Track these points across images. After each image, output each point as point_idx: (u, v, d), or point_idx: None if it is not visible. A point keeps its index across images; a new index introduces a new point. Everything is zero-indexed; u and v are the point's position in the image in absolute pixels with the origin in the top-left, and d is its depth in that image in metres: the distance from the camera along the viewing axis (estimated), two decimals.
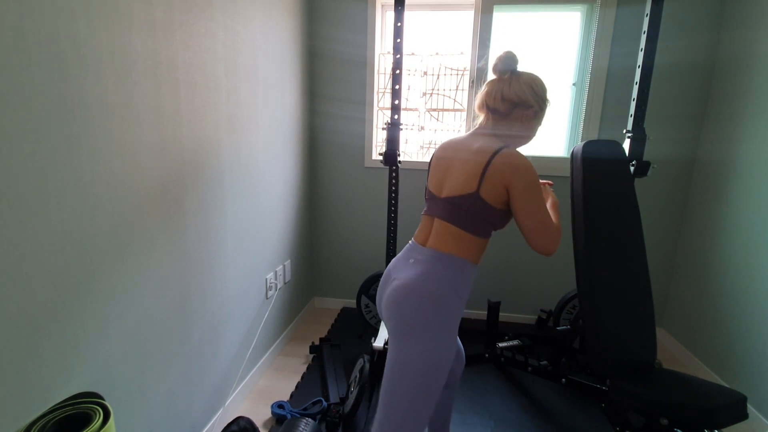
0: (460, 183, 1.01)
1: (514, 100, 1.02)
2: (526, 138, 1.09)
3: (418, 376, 0.94)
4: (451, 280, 0.99)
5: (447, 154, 1.09)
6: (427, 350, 0.94)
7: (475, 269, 1.04)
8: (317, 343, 2.28)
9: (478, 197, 0.98)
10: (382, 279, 1.13)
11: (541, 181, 1.25)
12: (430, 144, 2.52)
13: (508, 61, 1.04)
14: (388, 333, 1.02)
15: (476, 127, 1.11)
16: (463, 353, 1.31)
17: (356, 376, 1.72)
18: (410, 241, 1.14)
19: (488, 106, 1.05)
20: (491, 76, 1.10)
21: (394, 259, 1.14)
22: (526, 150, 2.43)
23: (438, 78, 2.43)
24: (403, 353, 0.96)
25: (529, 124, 1.06)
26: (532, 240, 0.96)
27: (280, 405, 1.70)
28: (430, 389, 0.95)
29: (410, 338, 0.95)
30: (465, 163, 1.02)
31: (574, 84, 2.35)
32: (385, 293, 1.07)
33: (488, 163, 0.97)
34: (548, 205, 1.18)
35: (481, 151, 0.99)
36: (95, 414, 0.85)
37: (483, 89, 1.09)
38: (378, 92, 2.47)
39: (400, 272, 1.05)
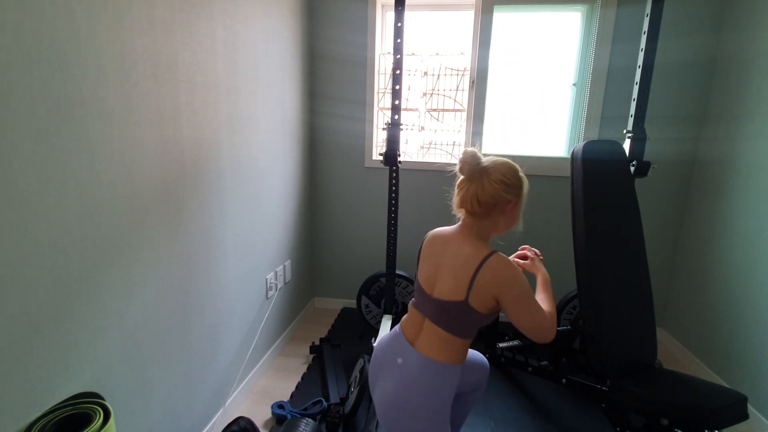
0: (449, 288, 1.01)
1: (491, 202, 0.99)
2: (512, 224, 1.07)
3: None
4: (438, 389, 1.02)
5: (437, 250, 1.08)
6: None
7: (459, 369, 1.06)
8: (317, 343, 2.27)
9: (467, 305, 0.99)
10: (372, 362, 1.14)
11: (529, 251, 1.25)
12: (430, 144, 2.52)
13: (472, 162, 1.00)
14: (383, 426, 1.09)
15: (460, 224, 1.08)
16: (486, 363, 1.32)
17: (356, 377, 1.72)
18: (398, 329, 1.13)
19: (466, 210, 1.04)
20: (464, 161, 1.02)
21: (381, 347, 1.13)
22: (523, 152, 2.43)
23: (438, 78, 2.43)
24: None
25: (512, 213, 1.04)
26: (531, 335, 1.00)
27: (280, 405, 1.70)
28: None
29: None
30: (453, 268, 1.01)
31: (574, 84, 2.35)
32: (376, 386, 1.10)
33: (474, 274, 0.97)
34: (539, 283, 1.17)
35: (468, 260, 0.98)
36: (95, 414, 0.85)
37: (458, 190, 1.05)
38: (378, 92, 2.47)
39: (389, 373, 1.07)
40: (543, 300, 1.10)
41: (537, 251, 1.26)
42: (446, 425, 1.04)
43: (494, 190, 0.98)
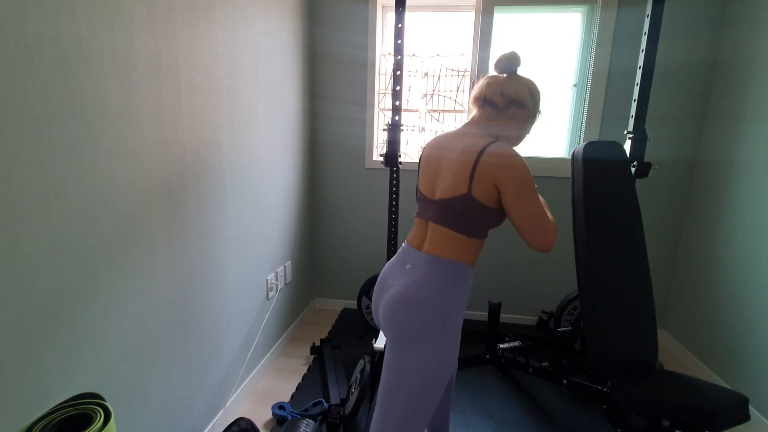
0: (451, 184, 0.98)
1: (513, 96, 1.00)
2: (517, 139, 1.07)
3: (419, 382, 0.93)
4: (449, 286, 0.97)
5: (436, 153, 1.06)
6: (428, 357, 0.93)
7: (472, 271, 1.03)
8: (318, 344, 2.27)
9: (471, 198, 0.95)
10: (377, 284, 1.11)
11: None
12: None
13: (512, 61, 1.02)
14: (387, 341, 1.01)
15: (467, 122, 1.08)
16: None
17: (357, 377, 1.72)
18: (404, 244, 1.11)
19: (485, 98, 1.03)
20: (492, 72, 1.08)
21: (388, 263, 1.11)
22: (524, 152, 2.43)
23: (439, 79, 2.43)
24: (404, 360, 0.95)
25: (522, 125, 1.04)
26: (529, 238, 0.94)
27: (280, 406, 1.70)
28: (430, 395, 0.94)
29: (411, 346, 0.95)
30: (454, 163, 0.99)
31: (574, 85, 2.35)
32: (381, 300, 1.05)
33: (476, 161, 0.94)
34: None
35: (469, 150, 0.96)
36: (96, 415, 0.85)
37: (481, 82, 1.06)
38: (379, 93, 2.47)
39: (396, 279, 1.03)
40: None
41: None
42: (457, 334, 0.97)
43: (520, 89, 1.00)
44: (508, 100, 1.00)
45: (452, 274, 0.98)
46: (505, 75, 1.04)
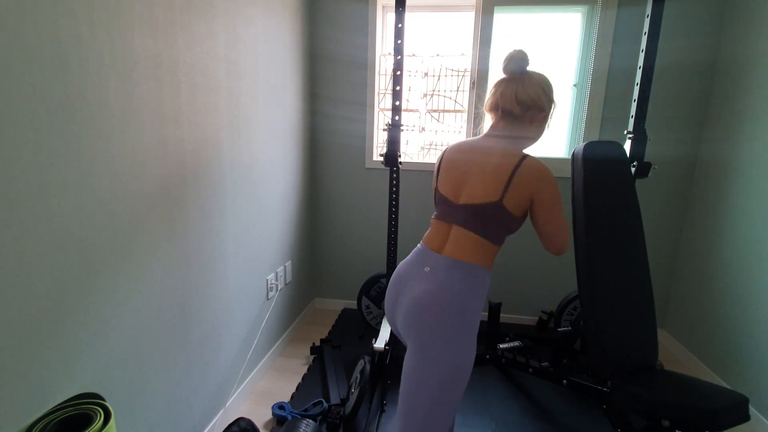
0: (481, 190, 0.99)
1: (528, 102, 1.01)
2: (536, 139, 1.10)
3: (443, 383, 0.94)
4: (471, 290, 0.98)
5: (462, 157, 1.06)
6: (452, 359, 0.95)
7: (490, 276, 1.04)
8: (318, 344, 2.27)
9: (502, 206, 0.97)
10: (392, 286, 1.09)
11: None
12: (431, 145, 2.52)
13: (520, 62, 1.03)
14: (410, 344, 1.00)
15: (489, 129, 1.08)
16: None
17: (357, 377, 1.72)
18: (420, 246, 1.09)
19: (502, 108, 1.03)
20: (500, 74, 1.08)
21: (404, 265, 1.09)
22: (525, 151, 2.43)
23: (439, 79, 2.43)
24: (429, 363, 0.96)
25: (541, 126, 1.07)
26: (552, 242, 1.00)
27: (280, 406, 1.70)
28: (453, 396, 0.96)
29: (436, 349, 0.96)
30: (486, 169, 1.00)
31: (575, 85, 2.35)
32: (400, 303, 1.05)
33: (513, 173, 0.96)
34: None
35: (506, 158, 0.99)
36: (96, 415, 0.85)
37: (494, 90, 1.06)
38: (379, 93, 2.47)
39: (416, 282, 1.02)
40: None
41: None
42: (474, 338, 0.98)
43: (533, 91, 1.01)
44: (525, 107, 1.02)
45: (474, 278, 0.99)
46: (515, 77, 1.03)
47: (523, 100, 1.01)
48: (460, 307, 0.96)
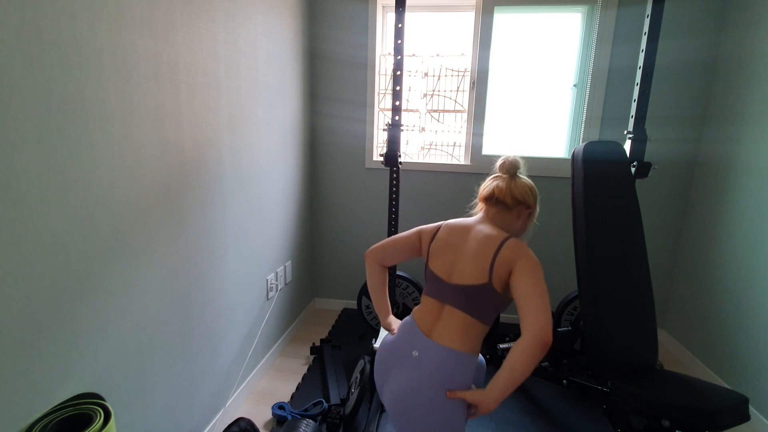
0: (471, 272, 1.03)
1: (519, 198, 1.11)
2: (521, 233, 1.16)
3: None
4: (458, 381, 1.00)
5: (454, 239, 1.10)
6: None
7: (476, 361, 1.06)
8: (318, 344, 2.27)
9: (491, 288, 1.00)
10: (378, 363, 1.12)
11: None
12: (430, 145, 2.52)
13: (516, 165, 1.13)
14: (395, 427, 1.06)
15: (482, 215, 1.15)
16: (483, 361, 1.29)
17: (357, 378, 1.72)
18: (410, 321, 1.11)
19: (497, 199, 1.12)
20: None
21: (391, 341, 1.12)
22: (524, 152, 2.43)
23: (439, 79, 2.43)
24: None
25: (526, 220, 1.15)
26: (535, 318, 0.92)
27: (280, 406, 1.70)
28: None
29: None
30: (472, 253, 1.05)
31: (574, 85, 2.35)
32: (386, 385, 1.08)
33: (496, 253, 1.01)
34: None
35: (489, 241, 1.04)
36: (96, 415, 0.85)
37: (494, 183, 1.13)
38: (379, 93, 2.47)
39: (402, 366, 1.05)
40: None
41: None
42: (463, 422, 1.01)
43: (524, 191, 1.12)
44: (515, 201, 1.11)
45: (462, 367, 1.02)
46: (508, 176, 1.13)
47: (515, 194, 1.11)
48: (448, 404, 0.99)
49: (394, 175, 1.87)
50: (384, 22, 2.45)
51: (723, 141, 2.05)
